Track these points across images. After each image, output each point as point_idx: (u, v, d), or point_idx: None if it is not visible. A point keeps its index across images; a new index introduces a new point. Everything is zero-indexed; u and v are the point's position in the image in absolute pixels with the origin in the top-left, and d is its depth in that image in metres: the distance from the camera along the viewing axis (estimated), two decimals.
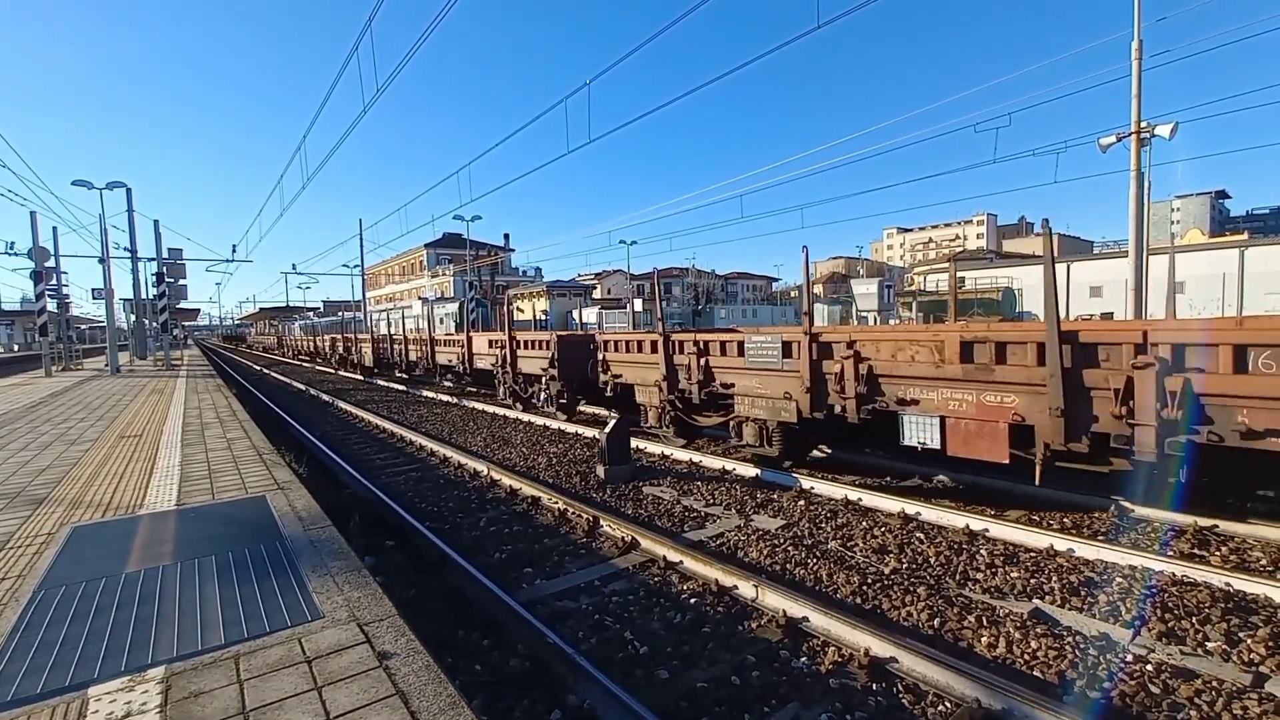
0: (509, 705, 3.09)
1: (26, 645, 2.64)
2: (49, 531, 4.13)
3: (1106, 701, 3.02)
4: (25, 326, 58.16)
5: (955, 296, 6.34)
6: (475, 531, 5.73)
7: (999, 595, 4.16)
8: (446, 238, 64.46)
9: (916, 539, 5.13)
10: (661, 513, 6.05)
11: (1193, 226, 76.80)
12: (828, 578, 4.46)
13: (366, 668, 2.41)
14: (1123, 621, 3.75)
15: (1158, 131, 13.45)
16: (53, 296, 20.80)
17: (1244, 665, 3.28)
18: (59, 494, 5.10)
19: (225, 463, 6.22)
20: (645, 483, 7.05)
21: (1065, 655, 3.38)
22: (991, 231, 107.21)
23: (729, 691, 3.16)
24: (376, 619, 2.81)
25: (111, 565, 3.51)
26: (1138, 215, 13.76)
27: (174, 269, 23.78)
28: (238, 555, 3.61)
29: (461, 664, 3.44)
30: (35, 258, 17.72)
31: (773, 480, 6.93)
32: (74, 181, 20.34)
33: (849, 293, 42.82)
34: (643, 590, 4.36)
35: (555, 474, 7.68)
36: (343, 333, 29.59)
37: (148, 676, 2.40)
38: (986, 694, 2.91)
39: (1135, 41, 13.17)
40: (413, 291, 68.29)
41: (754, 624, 3.83)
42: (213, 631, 2.73)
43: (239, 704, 2.21)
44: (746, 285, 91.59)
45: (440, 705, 2.16)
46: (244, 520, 4.31)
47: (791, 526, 5.55)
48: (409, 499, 6.83)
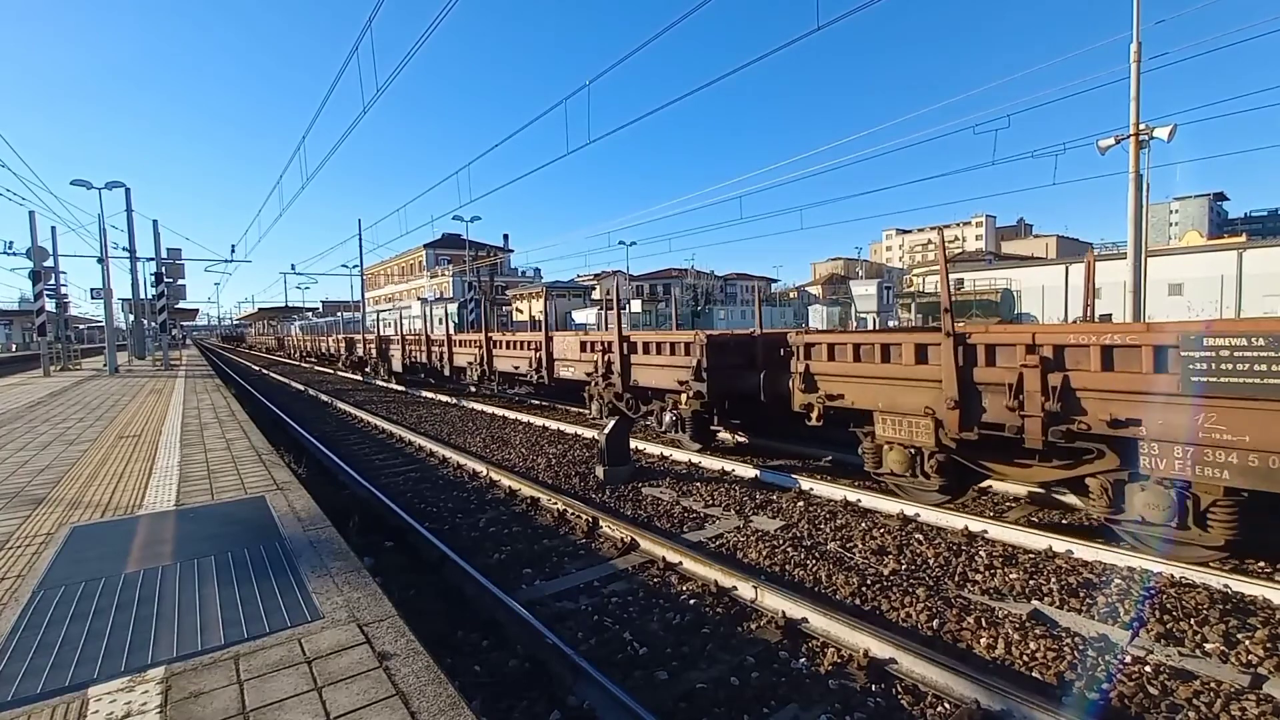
0: (508, 706, 3.09)
1: (26, 645, 2.64)
2: (48, 532, 4.13)
3: (1105, 702, 3.02)
4: (24, 326, 58.06)
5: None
6: (474, 532, 5.73)
7: (998, 596, 4.16)
8: (446, 238, 64.48)
9: (915, 540, 5.13)
10: (661, 514, 6.05)
11: (1191, 228, 76.94)
12: (827, 579, 4.47)
13: (366, 668, 2.41)
14: (1121, 623, 3.76)
15: (1156, 134, 13.48)
16: (51, 296, 20.79)
17: (1242, 666, 3.29)
18: (58, 494, 5.09)
19: (224, 463, 6.22)
20: (644, 483, 7.05)
21: (1064, 656, 3.39)
22: (990, 233, 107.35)
23: (728, 692, 3.17)
24: (376, 619, 2.82)
25: (111, 565, 3.51)
26: (1136, 217, 13.79)
27: (172, 269, 23.78)
28: (237, 556, 3.61)
29: (461, 664, 3.44)
30: (34, 257, 17.71)
31: (772, 481, 6.93)
32: (73, 181, 20.33)
33: (848, 294, 42.81)
34: (642, 591, 4.36)
35: (554, 475, 7.68)
36: (363, 332, 26.21)
37: (147, 677, 2.40)
38: (986, 695, 2.91)
39: (1134, 44, 13.20)
40: (412, 292, 68.25)
41: (753, 625, 3.83)
42: (212, 632, 2.73)
43: (239, 704, 2.21)
44: (745, 286, 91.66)
45: (440, 705, 2.16)
46: (243, 521, 4.31)
47: (791, 527, 5.55)
48: (408, 499, 6.82)
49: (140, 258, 23.40)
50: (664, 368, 8.50)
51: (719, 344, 7.96)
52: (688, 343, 8.07)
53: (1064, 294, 37.40)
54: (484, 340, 13.84)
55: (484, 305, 15.11)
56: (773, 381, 7.44)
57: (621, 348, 9.13)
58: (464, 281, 52.30)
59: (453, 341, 16.14)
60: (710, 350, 7.77)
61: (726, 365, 7.88)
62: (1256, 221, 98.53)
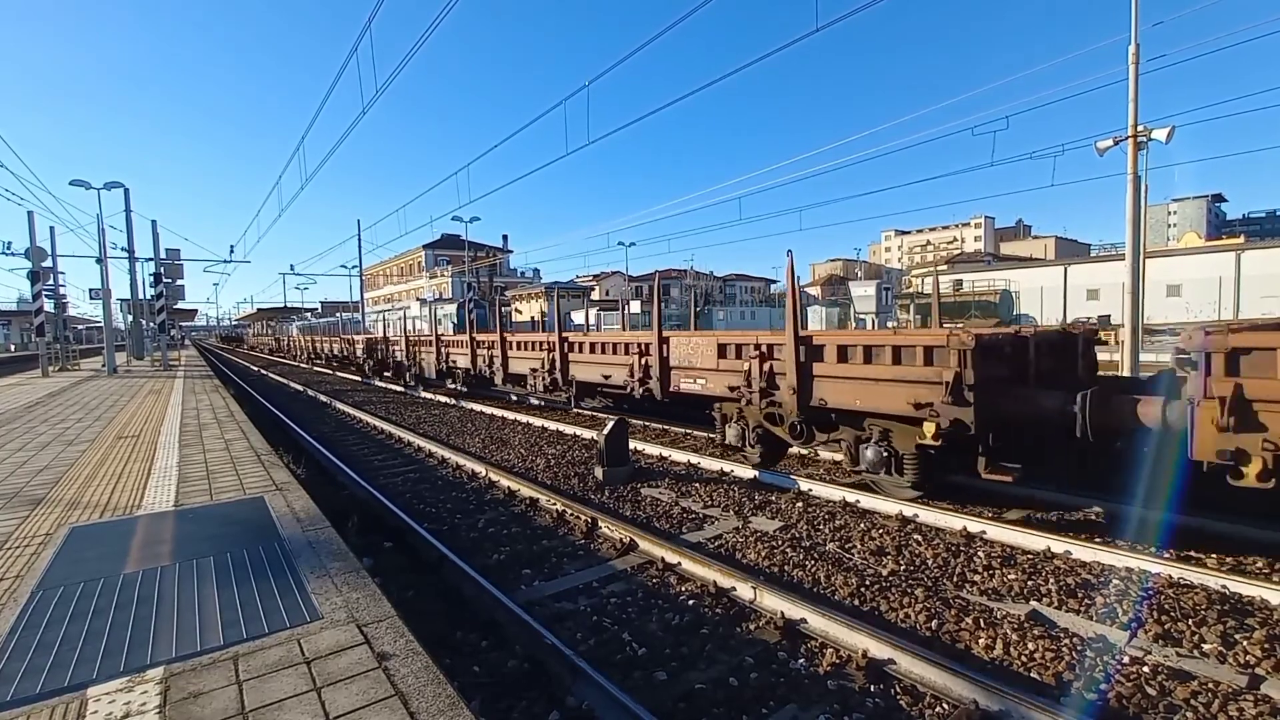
0: (507, 706, 3.09)
1: (25, 645, 2.64)
2: (47, 532, 4.13)
3: (1103, 703, 3.03)
4: (22, 327, 58.01)
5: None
6: (473, 533, 5.73)
7: (996, 597, 4.17)
8: (445, 239, 64.51)
9: (914, 541, 5.14)
10: (660, 514, 6.05)
11: (1189, 229, 77.10)
12: (826, 579, 4.47)
13: (365, 668, 2.42)
14: (1119, 623, 3.77)
15: (1155, 135, 13.51)
16: (50, 297, 20.77)
17: (1240, 667, 3.30)
18: (57, 494, 5.09)
19: (223, 464, 6.21)
20: (644, 484, 7.06)
21: (1062, 657, 3.39)
22: (989, 234, 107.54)
23: (727, 692, 3.17)
24: (375, 620, 2.82)
25: (110, 566, 3.50)
26: (1135, 218, 13.81)
27: (171, 269, 23.74)
28: (236, 556, 3.61)
29: (460, 665, 3.44)
30: (32, 258, 17.69)
31: (771, 482, 6.94)
32: (72, 181, 20.33)
33: (847, 295, 42.89)
34: (641, 591, 4.36)
35: (553, 475, 7.68)
36: (385, 332, 22.21)
37: (146, 677, 2.40)
38: (984, 695, 2.92)
39: (1132, 45, 13.22)
40: (411, 292, 68.28)
41: (752, 625, 3.83)
42: (211, 632, 2.73)
43: (238, 705, 2.21)
44: (745, 287, 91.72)
45: (439, 706, 2.17)
46: (242, 521, 4.31)
47: (790, 528, 5.56)
48: (407, 500, 6.82)
49: (139, 258, 23.41)
50: (884, 383, 5.66)
51: (992, 347, 5.33)
52: (932, 346, 5.36)
53: (1063, 295, 37.47)
54: (556, 342, 10.62)
55: (555, 303, 12.06)
56: (1107, 407, 4.73)
57: (797, 352, 6.29)
58: (463, 282, 52.26)
59: (507, 344, 12.68)
60: (980, 357, 5.07)
61: (996, 379, 5.34)
62: (1254, 223, 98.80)
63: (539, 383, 11.26)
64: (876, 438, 5.98)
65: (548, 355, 11.03)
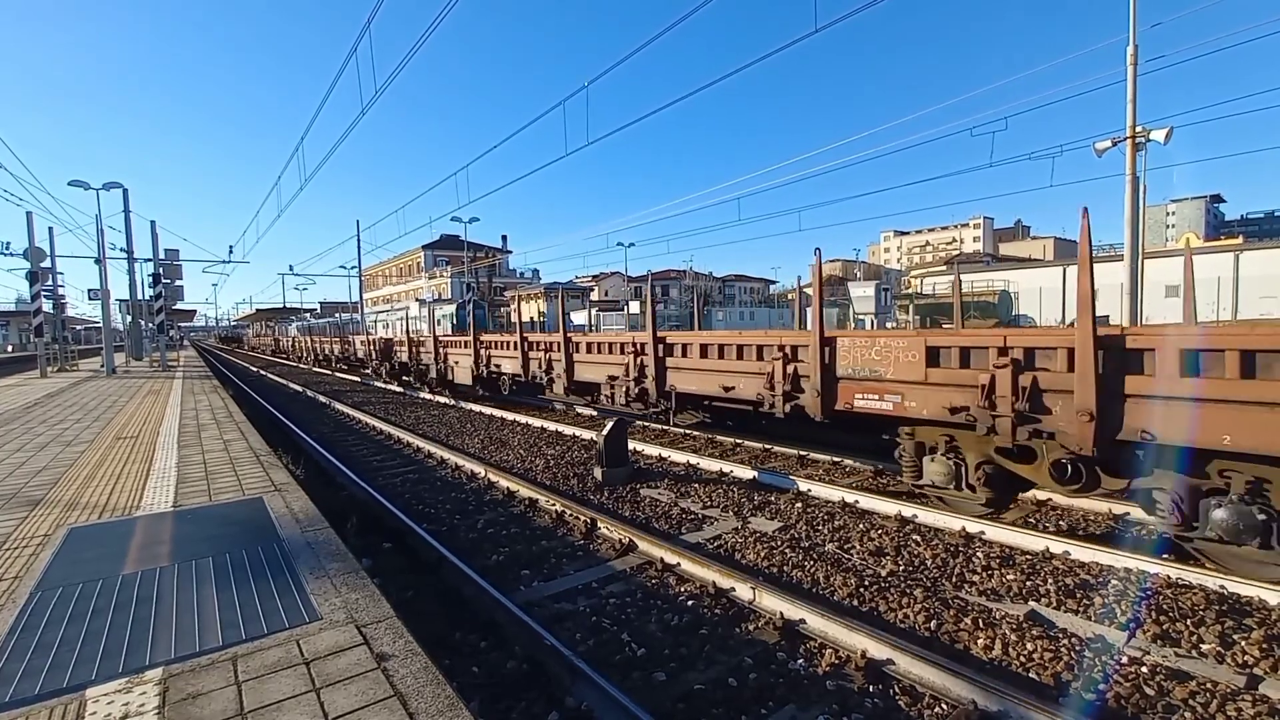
0: (507, 706, 3.09)
1: (24, 646, 2.64)
2: (46, 533, 4.12)
3: (1102, 703, 3.03)
4: (20, 327, 57.91)
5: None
6: (472, 533, 5.72)
7: (995, 597, 4.17)
8: (444, 239, 64.43)
9: (913, 541, 5.14)
10: (659, 515, 6.05)
11: (1188, 230, 77.17)
12: (825, 580, 4.47)
13: (365, 669, 2.42)
14: (1118, 623, 3.77)
15: (1153, 136, 13.54)
16: (48, 297, 20.74)
17: (1238, 667, 3.30)
18: (55, 495, 5.08)
19: (222, 464, 6.21)
20: (643, 485, 7.06)
21: (1061, 657, 3.40)
22: (988, 235, 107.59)
23: (726, 693, 3.17)
24: (374, 620, 2.82)
25: (109, 566, 3.50)
26: (1133, 219, 13.84)
27: (170, 270, 23.70)
28: (235, 557, 3.61)
29: (459, 665, 3.44)
30: (31, 258, 17.67)
31: (770, 483, 6.94)
32: (70, 182, 20.32)
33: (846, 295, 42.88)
34: (640, 592, 4.36)
35: (553, 476, 7.68)
36: (409, 333, 18.91)
37: (145, 678, 2.40)
38: (983, 696, 2.92)
39: (1130, 46, 13.25)
40: (410, 293, 68.21)
41: (751, 626, 3.84)
42: (210, 633, 2.73)
43: (237, 705, 2.21)
44: (744, 288, 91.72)
45: (439, 706, 2.17)
46: (241, 522, 4.31)
47: (789, 529, 5.56)
48: (406, 501, 6.82)
49: (138, 258, 23.40)
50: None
51: None
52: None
53: (1061, 295, 37.50)
54: (650, 343, 8.30)
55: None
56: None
57: (1096, 360, 4.17)
58: (462, 283, 52.22)
59: (572, 345, 10.29)
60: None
61: None
62: (1253, 223, 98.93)
63: (619, 393, 9.07)
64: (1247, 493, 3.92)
65: (633, 360, 8.79)
